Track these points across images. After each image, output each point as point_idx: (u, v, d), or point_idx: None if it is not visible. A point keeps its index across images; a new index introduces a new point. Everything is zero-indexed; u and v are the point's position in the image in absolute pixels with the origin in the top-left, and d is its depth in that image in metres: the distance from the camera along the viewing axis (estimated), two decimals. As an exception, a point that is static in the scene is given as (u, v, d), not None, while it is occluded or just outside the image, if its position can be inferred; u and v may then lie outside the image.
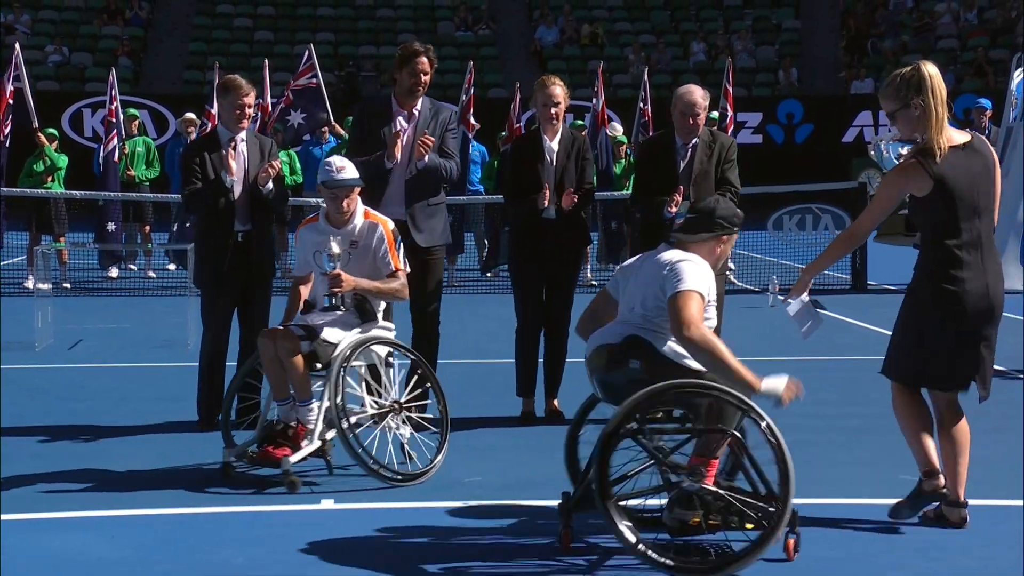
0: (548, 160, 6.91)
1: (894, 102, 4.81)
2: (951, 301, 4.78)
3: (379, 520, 5.01)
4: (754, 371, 4.50)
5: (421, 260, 6.59)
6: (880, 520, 5.02)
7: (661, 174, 6.78)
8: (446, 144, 6.68)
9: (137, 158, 14.75)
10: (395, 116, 6.63)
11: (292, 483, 5.34)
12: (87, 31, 29.78)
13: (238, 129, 6.60)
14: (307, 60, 14.30)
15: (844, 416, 6.99)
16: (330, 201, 5.87)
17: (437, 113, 6.71)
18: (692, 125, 6.75)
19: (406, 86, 6.61)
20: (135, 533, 4.89)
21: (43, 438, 6.51)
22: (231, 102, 6.56)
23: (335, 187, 5.82)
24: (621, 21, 31.32)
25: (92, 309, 12.10)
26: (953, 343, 4.81)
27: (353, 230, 5.88)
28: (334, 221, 5.90)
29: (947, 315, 4.79)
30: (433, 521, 5.02)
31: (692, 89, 6.84)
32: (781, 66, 29.78)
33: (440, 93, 26.63)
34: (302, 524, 4.97)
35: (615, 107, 25.22)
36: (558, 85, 6.96)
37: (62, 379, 8.37)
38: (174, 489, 5.38)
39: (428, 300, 6.69)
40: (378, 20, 30.67)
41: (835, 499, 5.34)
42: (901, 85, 4.79)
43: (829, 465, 5.77)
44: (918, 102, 4.75)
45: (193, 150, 6.75)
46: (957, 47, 30.01)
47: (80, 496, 5.39)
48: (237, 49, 29.33)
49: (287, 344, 5.55)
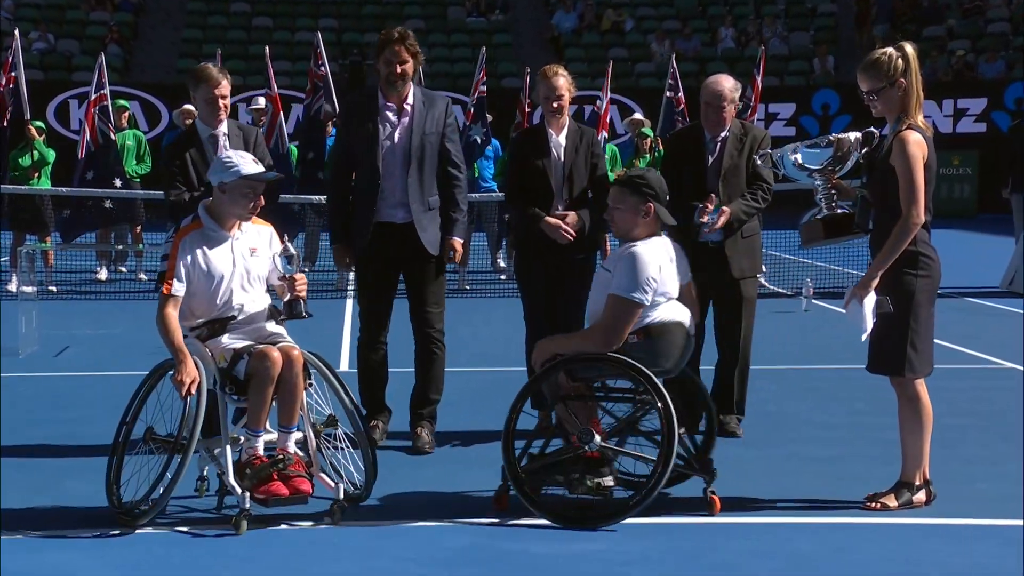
0: (555, 156, 6.79)
1: (879, 80, 5.29)
2: (932, 274, 5.31)
3: (392, 538, 5.06)
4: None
5: (426, 266, 6.52)
6: (922, 540, 5.04)
7: (689, 170, 6.78)
8: (447, 140, 6.55)
9: (127, 152, 14.81)
10: (383, 111, 6.49)
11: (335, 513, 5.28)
12: (74, 16, 29.92)
13: (216, 123, 6.40)
14: (317, 48, 14.43)
15: (880, 427, 7.00)
16: (241, 198, 5.42)
17: (432, 105, 6.55)
18: (719, 117, 6.76)
19: (383, 75, 6.47)
20: (127, 553, 4.93)
21: (28, 450, 6.56)
22: (203, 95, 6.37)
23: (259, 180, 5.45)
24: (644, 6, 31.35)
25: (80, 313, 12.18)
26: (932, 318, 5.38)
27: (247, 235, 5.54)
28: (226, 221, 5.48)
29: (932, 288, 5.32)
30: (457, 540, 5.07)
31: (719, 79, 6.86)
32: (816, 53, 29.74)
33: (450, 83, 26.78)
34: (311, 543, 5.03)
35: (637, 97, 25.27)
36: (561, 75, 6.84)
37: (48, 388, 8.44)
38: (167, 507, 5.42)
39: (433, 308, 6.60)
40: (384, 5, 30.76)
41: (869, 518, 5.36)
42: (888, 64, 5.26)
43: (863, 481, 5.79)
44: (902, 82, 5.24)
45: (174, 151, 6.50)
46: (1009, 31, 29.92)
47: (67, 513, 5.43)
48: (234, 36, 29.45)
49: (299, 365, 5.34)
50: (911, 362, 5.33)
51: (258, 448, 5.30)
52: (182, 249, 5.44)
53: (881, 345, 5.37)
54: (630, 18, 30.71)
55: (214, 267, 5.44)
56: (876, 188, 5.37)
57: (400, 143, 6.47)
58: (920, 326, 5.33)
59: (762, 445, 6.73)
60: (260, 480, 5.20)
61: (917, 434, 5.41)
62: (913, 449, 5.42)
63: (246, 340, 5.42)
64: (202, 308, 5.45)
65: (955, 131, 27.14)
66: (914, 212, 5.23)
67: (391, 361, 6.79)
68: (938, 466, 5.68)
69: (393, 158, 6.47)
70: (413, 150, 6.48)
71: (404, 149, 6.48)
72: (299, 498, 5.23)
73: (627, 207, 5.53)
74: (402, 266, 6.60)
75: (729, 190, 6.76)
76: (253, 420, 5.30)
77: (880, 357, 5.40)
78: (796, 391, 8.31)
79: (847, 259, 14.84)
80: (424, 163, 6.50)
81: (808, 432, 7.08)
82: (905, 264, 5.28)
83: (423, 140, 6.50)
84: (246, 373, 5.30)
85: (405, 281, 6.64)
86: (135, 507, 5.17)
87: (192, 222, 5.52)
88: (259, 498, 5.18)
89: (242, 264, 5.49)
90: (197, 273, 5.43)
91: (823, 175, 5.51)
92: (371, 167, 6.45)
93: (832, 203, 5.51)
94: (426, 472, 6.13)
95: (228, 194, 5.46)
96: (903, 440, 5.45)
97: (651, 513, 5.31)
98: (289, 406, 5.33)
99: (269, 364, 5.24)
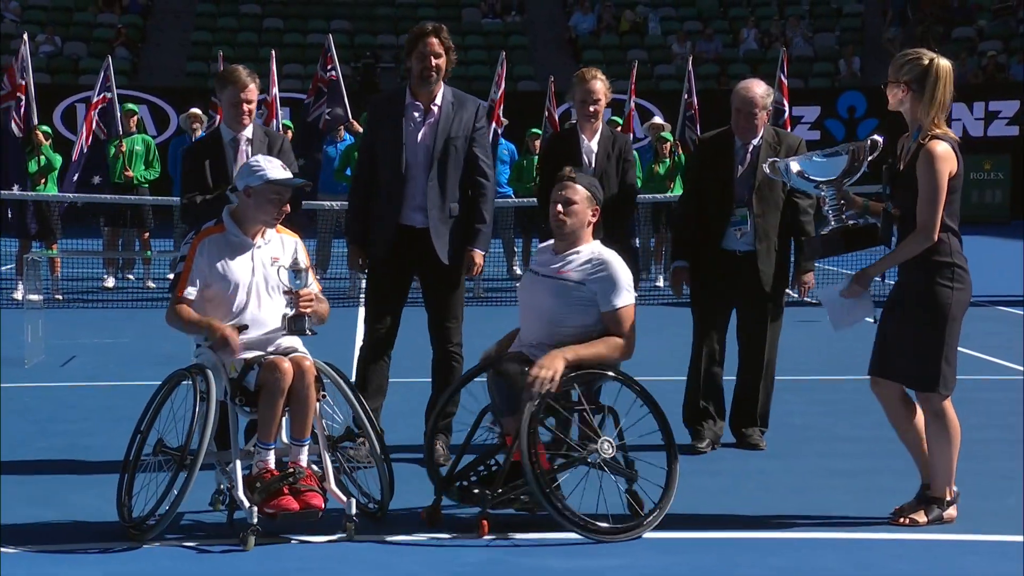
0: (586, 162, 6.76)
1: (892, 74, 5.35)
2: (967, 287, 5.29)
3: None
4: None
5: (442, 275, 6.44)
6: (952, 557, 5.01)
7: (715, 179, 6.68)
8: (476, 145, 6.42)
9: (135, 157, 14.85)
10: (409, 110, 6.38)
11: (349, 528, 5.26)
12: (81, 19, 30.08)
13: (240, 127, 6.39)
14: (328, 51, 14.48)
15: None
16: (267, 204, 5.46)
17: (462, 107, 6.43)
18: (750, 124, 6.66)
19: (416, 73, 6.35)
20: (133, 568, 4.93)
21: (33, 461, 6.58)
22: (230, 97, 6.35)
23: (283, 186, 5.48)
24: (665, 7, 31.35)
25: (87, 322, 12.22)
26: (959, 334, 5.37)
27: (271, 244, 5.57)
28: (250, 228, 5.54)
29: (966, 302, 5.30)
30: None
31: (750, 84, 6.77)
32: (842, 54, 29.69)
33: (465, 85, 26.75)
34: (323, 558, 5.03)
35: (658, 100, 25.27)
36: (599, 79, 6.79)
37: (54, 398, 8.46)
38: (175, 520, 5.42)
39: (451, 322, 6.48)
40: (398, 6, 30.84)
41: (896, 534, 5.34)
42: (907, 63, 5.30)
43: (891, 495, 5.76)
44: (906, 86, 5.28)
45: (194, 154, 6.52)
46: (1043, 33, 29.83)
47: (72, 526, 5.45)
48: (244, 38, 29.56)
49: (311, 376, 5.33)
50: (945, 378, 5.30)
51: (269, 461, 5.29)
52: (200, 252, 5.47)
53: (913, 359, 5.33)
54: (652, 12, 30.65)
55: (232, 273, 5.46)
56: (901, 199, 5.31)
57: (423, 144, 6.36)
58: (953, 340, 5.31)
59: (786, 458, 6.70)
60: (270, 494, 5.18)
61: (946, 449, 5.38)
62: (942, 464, 5.39)
63: (258, 350, 5.43)
64: (216, 314, 5.47)
65: (986, 135, 27.03)
66: (930, 227, 5.20)
67: (407, 370, 6.77)
68: (969, 480, 5.65)
69: (415, 160, 6.36)
70: (436, 153, 6.35)
71: (427, 151, 6.36)
72: (310, 513, 5.21)
73: (585, 205, 5.58)
74: (418, 272, 6.53)
75: (763, 204, 6.65)
76: (264, 432, 5.30)
77: (911, 371, 5.36)
78: (822, 403, 8.28)
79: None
80: (447, 167, 6.37)
81: (834, 445, 7.05)
82: (941, 276, 5.25)
83: (448, 143, 6.36)
84: (256, 384, 5.31)
85: (422, 289, 6.57)
86: (143, 521, 5.17)
87: (214, 225, 5.56)
88: (269, 512, 5.17)
89: (261, 273, 5.49)
90: (213, 278, 5.45)
91: (832, 186, 5.45)
92: (394, 168, 6.36)
93: (841, 215, 5.46)
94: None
95: (253, 199, 5.49)
96: (932, 456, 5.42)
97: (673, 527, 5.29)
98: (301, 418, 5.32)
99: (280, 375, 5.24)
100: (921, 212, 5.21)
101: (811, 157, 5.52)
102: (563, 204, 5.56)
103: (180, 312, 5.44)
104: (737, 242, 6.68)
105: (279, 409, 5.27)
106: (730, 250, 6.68)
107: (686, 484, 5.84)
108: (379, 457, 5.46)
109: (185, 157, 6.65)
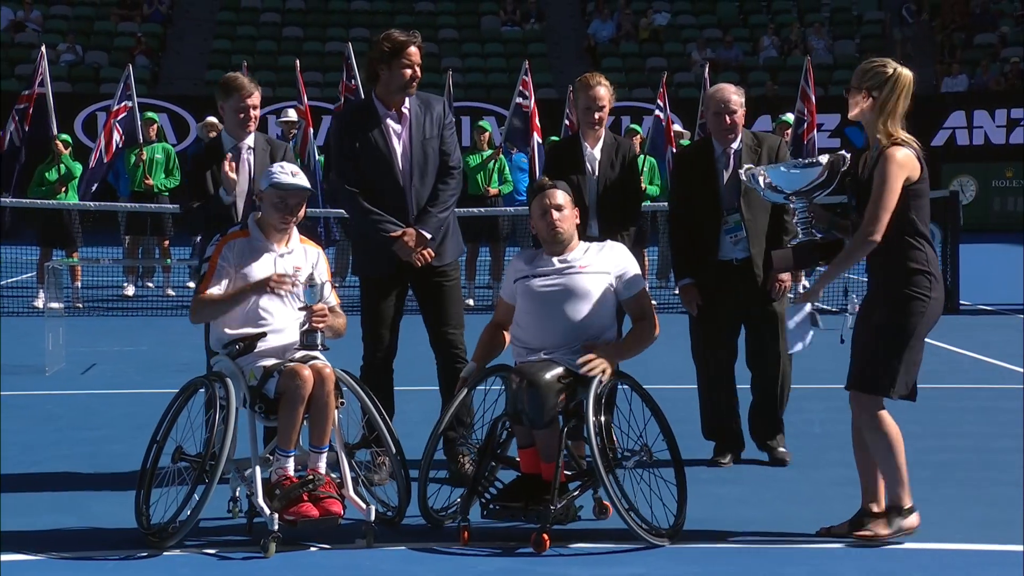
0: (589, 170, 6.65)
1: (853, 81, 5.31)
2: (939, 296, 5.18)
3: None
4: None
5: (436, 282, 6.33)
6: (979, 568, 4.99)
7: (702, 190, 6.61)
8: (445, 143, 6.37)
9: (156, 166, 14.94)
10: (383, 118, 6.31)
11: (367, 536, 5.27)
12: (102, 28, 30.26)
13: (244, 135, 6.38)
14: (348, 60, 14.52)
15: (929, 451, 6.95)
16: (275, 209, 5.53)
17: (429, 108, 6.37)
18: (729, 124, 6.58)
19: (400, 83, 6.25)
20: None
21: (54, 469, 6.62)
22: (233, 105, 6.34)
23: (288, 190, 5.54)
24: (684, 14, 31.35)
25: (107, 330, 12.29)
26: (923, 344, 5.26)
27: (294, 254, 5.61)
28: (273, 236, 5.61)
29: (936, 313, 5.21)
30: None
31: (724, 86, 6.73)
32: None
33: (484, 93, 26.86)
34: (342, 566, 5.05)
35: (677, 108, 25.23)
36: (603, 85, 6.66)
37: (74, 405, 8.50)
38: (194, 527, 5.45)
39: (452, 328, 6.35)
40: (417, 15, 30.91)
41: (920, 543, 5.31)
42: (868, 71, 5.29)
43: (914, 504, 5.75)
44: (867, 93, 5.21)
45: (195, 162, 6.50)
46: (1066, 37, 29.69)
47: (92, 534, 5.48)
48: (264, 47, 29.69)
49: (331, 383, 5.36)
50: (900, 381, 5.19)
51: (288, 468, 5.32)
52: (224, 254, 5.54)
53: (870, 361, 5.21)
54: (667, 13, 30.65)
55: (253, 278, 5.50)
56: (864, 206, 5.19)
57: (404, 151, 6.31)
58: (917, 352, 5.20)
59: (807, 468, 6.68)
60: (290, 501, 5.21)
61: (891, 457, 5.22)
62: (892, 472, 5.24)
63: (276, 358, 5.46)
64: (234, 318, 5.50)
65: (1008, 142, 26.91)
66: (873, 229, 5.09)
67: (421, 379, 6.77)
68: (987, 490, 5.63)
69: (405, 168, 6.29)
70: (415, 157, 6.31)
71: (408, 157, 6.31)
72: (329, 520, 5.23)
73: (571, 208, 5.67)
74: (412, 282, 6.40)
75: (752, 209, 6.59)
76: (283, 440, 5.32)
77: (865, 373, 5.22)
78: (843, 411, 8.22)
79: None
80: (427, 170, 6.33)
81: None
82: (917, 286, 5.15)
83: (424, 145, 6.33)
84: (276, 391, 5.33)
85: (418, 299, 6.46)
86: (163, 528, 5.20)
87: (239, 230, 5.63)
88: (288, 519, 5.20)
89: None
90: (235, 281, 5.50)
91: (803, 198, 5.36)
92: (390, 180, 6.26)
93: (811, 228, 5.38)
94: (459, 493, 6.12)
95: (263, 203, 5.59)
96: (880, 466, 5.27)
97: (690, 537, 5.29)
98: (320, 425, 5.35)
99: (300, 382, 5.26)
100: (868, 212, 5.11)
101: (782, 168, 5.44)
102: (556, 210, 5.59)
103: (209, 296, 5.49)
104: (733, 250, 6.63)
105: (299, 416, 5.30)
106: (727, 259, 6.64)
107: (704, 493, 5.85)
108: (397, 463, 5.48)
109: (186, 165, 6.63)
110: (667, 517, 5.30)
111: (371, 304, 6.36)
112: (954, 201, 14.21)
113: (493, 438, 5.52)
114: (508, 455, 5.61)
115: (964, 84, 28.38)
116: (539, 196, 5.67)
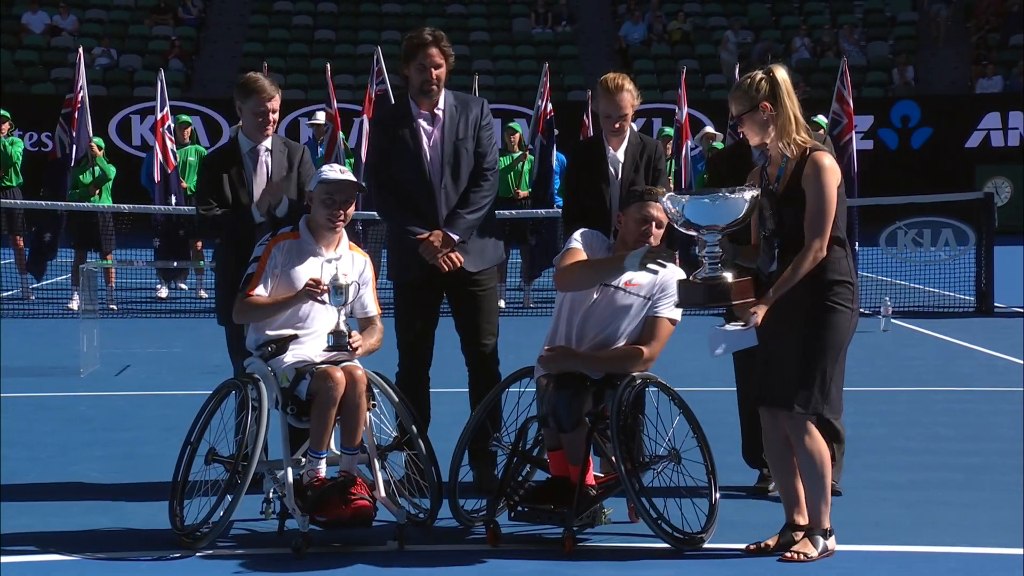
0: (612, 173, 6.30)
1: (744, 104, 5.08)
2: (856, 308, 5.07)
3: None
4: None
5: (470, 291, 6.20)
6: (1007, 572, 4.95)
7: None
8: (481, 144, 6.25)
9: (189, 168, 15.04)
10: (415, 119, 6.21)
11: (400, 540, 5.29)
12: (136, 31, 30.48)
13: (262, 137, 6.26)
14: (377, 63, 14.55)
15: (963, 453, 6.91)
16: (323, 206, 5.51)
17: (466, 109, 6.24)
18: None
19: (416, 85, 6.17)
20: None
21: (87, 470, 6.67)
22: (252, 107, 6.19)
23: (337, 186, 5.51)
24: (715, 16, 31.25)
25: (140, 332, 12.37)
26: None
27: (342, 260, 5.58)
28: (323, 237, 5.61)
29: (855, 324, 5.09)
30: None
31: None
32: (896, 63, 29.45)
33: (516, 96, 26.86)
34: (374, 568, 5.06)
35: (708, 110, 25.15)
36: (626, 90, 6.20)
37: (108, 407, 8.56)
38: (226, 529, 5.48)
39: (484, 337, 6.21)
40: (449, 17, 30.95)
41: (952, 547, 5.29)
42: (751, 87, 5.06)
43: (945, 508, 5.72)
44: (766, 105, 5.02)
45: (212, 164, 6.39)
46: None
47: (126, 535, 5.52)
48: (296, 49, 29.82)
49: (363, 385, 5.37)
50: (828, 400, 5.03)
51: (320, 470, 5.33)
52: (273, 256, 5.57)
53: (793, 379, 5.00)
54: (698, 28, 30.59)
55: (299, 281, 5.51)
56: (791, 219, 5.02)
57: (435, 152, 6.21)
58: (841, 364, 5.07)
59: (838, 469, 6.64)
60: (321, 503, 5.22)
61: (818, 477, 5.08)
62: (818, 490, 5.08)
63: (308, 359, 5.49)
64: (276, 320, 5.54)
65: (1046, 145, 26.69)
66: (818, 244, 4.93)
67: (456, 381, 6.78)
68: (1007, 494, 5.59)
69: (435, 169, 6.20)
70: (446, 158, 6.20)
71: (440, 158, 6.21)
72: (361, 521, 5.25)
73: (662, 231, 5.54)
74: (446, 288, 6.29)
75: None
76: (316, 441, 5.34)
77: (788, 389, 5.01)
78: (874, 414, 8.22)
79: (927, 278, 14.67)
80: (460, 172, 6.21)
81: (887, 457, 6.99)
82: (837, 297, 5.00)
83: (456, 146, 6.21)
84: (308, 393, 5.36)
85: (451, 306, 6.34)
86: (196, 529, 5.23)
87: (290, 232, 5.65)
88: (320, 521, 5.22)
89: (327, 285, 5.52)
90: (283, 282, 5.53)
91: (716, 232, 4.98)
92: (421, 181, 6.18)
93: (718, 265, 5.00)
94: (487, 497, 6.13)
95: (313, 202, 5.59)
96: (806, 485, 5.11)
97: (720, 539, 5.28)
98: (352, 427, 5.36)
99: (332, 384, 5.28)
100: (812, 225, 4.95)
101: (702, 199, 5.00)
102: (657, 226, 5.46)
103: (255, 300, 5.51)
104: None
105: (331, 418, 5.31)
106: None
107: (736, 495, 5.83)
108: (428, 465, 5.49)
109: (202, 166, 6.56)
110: (699, 519, 5.29)
111: (403, 311, 6.30)
112: (989, 203, 14.11)
113: (523, 439, 5.51)
114: (540, 457, 5.62)
115: (999, 85, 28.16)
116: (642, 204, 5.47)
